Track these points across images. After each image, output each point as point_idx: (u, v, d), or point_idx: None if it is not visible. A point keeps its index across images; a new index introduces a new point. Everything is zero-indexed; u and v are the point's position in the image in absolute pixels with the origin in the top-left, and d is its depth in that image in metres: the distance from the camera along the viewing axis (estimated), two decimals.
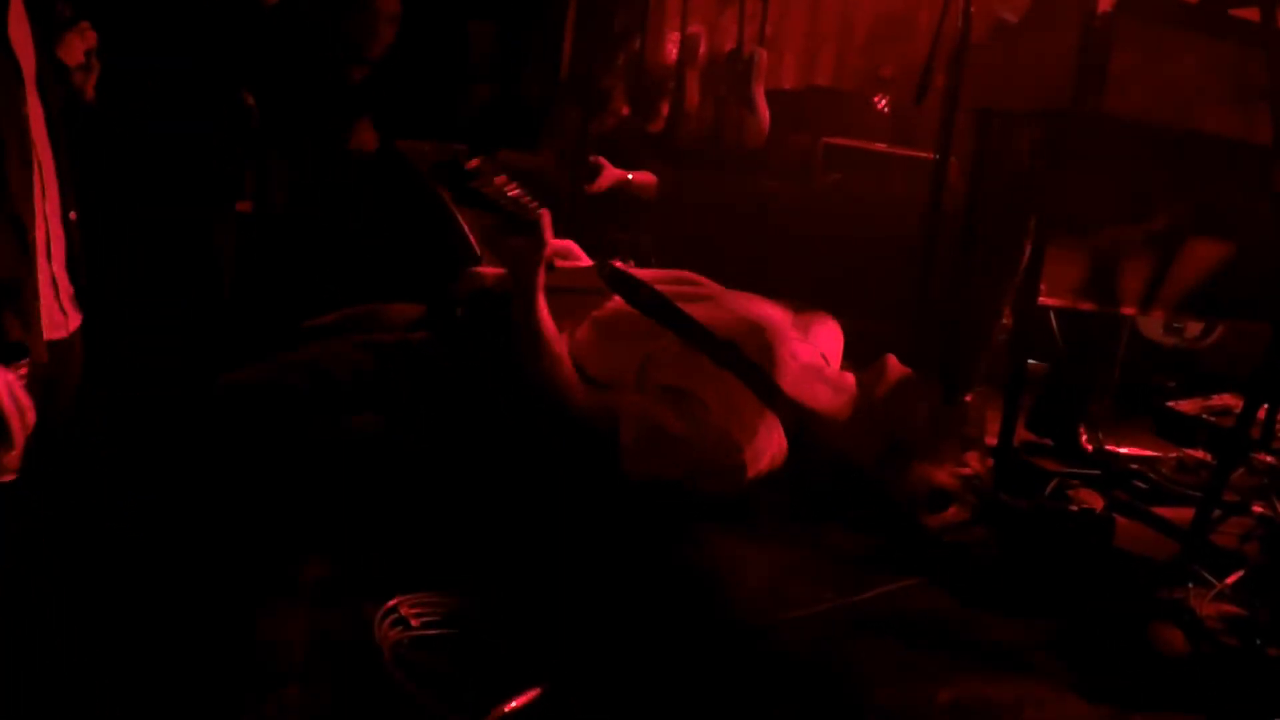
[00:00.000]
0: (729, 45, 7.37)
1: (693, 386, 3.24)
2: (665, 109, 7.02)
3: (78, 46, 2.95)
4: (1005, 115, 4.34)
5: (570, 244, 3.69)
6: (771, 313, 3.55)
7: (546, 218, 3.10)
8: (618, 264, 3.46)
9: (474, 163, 3.08)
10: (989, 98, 4.32)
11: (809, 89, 7.88)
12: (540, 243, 3.09)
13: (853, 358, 3.82)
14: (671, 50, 7.42)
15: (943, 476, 3.38)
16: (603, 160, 5.86)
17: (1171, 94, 3.78)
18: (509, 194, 3.07)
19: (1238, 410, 3.71)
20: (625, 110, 6.40)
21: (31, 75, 2.38)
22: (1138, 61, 3.72)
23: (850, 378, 3.55)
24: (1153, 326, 6.02)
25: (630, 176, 5.97)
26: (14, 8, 2.31)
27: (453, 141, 6.01)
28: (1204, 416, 4.93)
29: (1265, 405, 4.03)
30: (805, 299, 3.86)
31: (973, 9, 4.22)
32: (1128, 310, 4.15)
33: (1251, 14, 3.66)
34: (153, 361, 3.87)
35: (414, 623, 2.46)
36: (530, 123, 6.47)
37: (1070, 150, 3.87)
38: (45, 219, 2.40)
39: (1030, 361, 4.46)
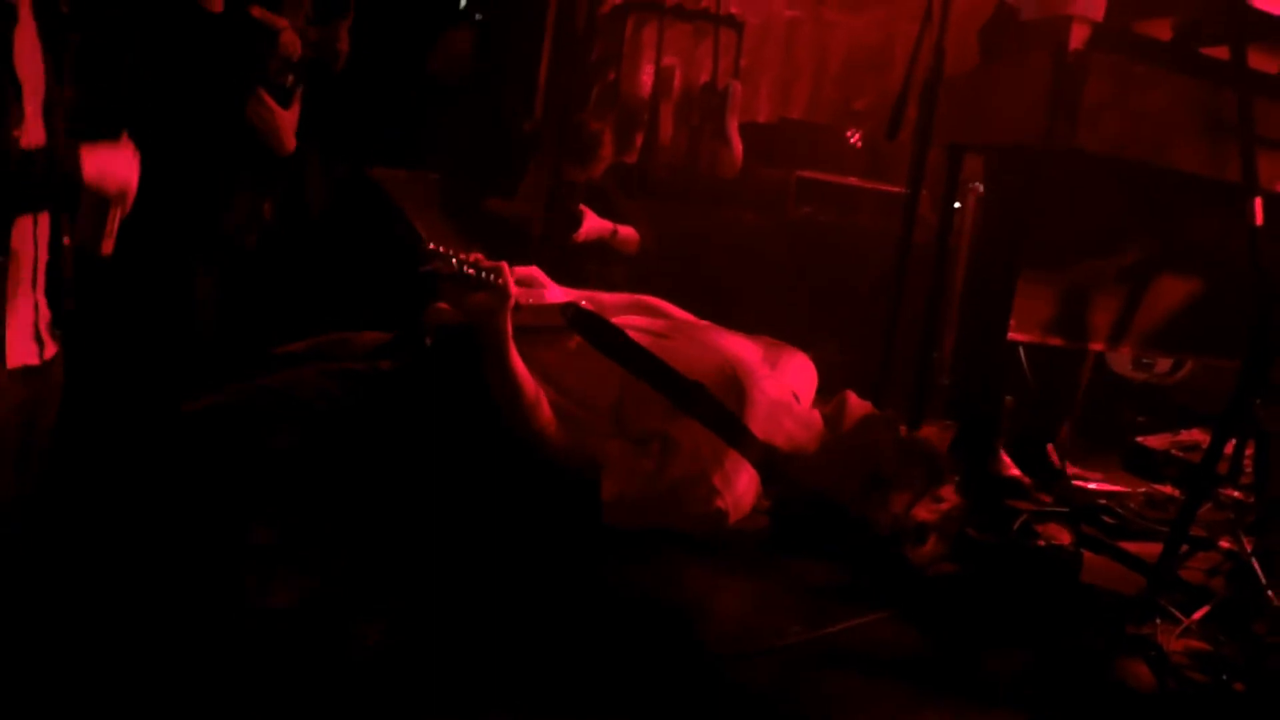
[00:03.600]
0: (704, 78, 7.39)
1: (673, 431, 3.24)
2: (639, 140, 7.02)
3: None
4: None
5: (534, 270, 3.67)
6: (741, 349, 3.55)
7: (506, 270, 3.10)
8: (584, 304, 3.45)
9: (430, 249, 3.07)
10: (961, 132, 4.33)
11: (782, 122, 7.89)
12: (502, 294, 3.08)
13: (823, 389, 3.82)
14: (646, 82, 7.42)
15: (923, 510, 3.38)
16: (586, 209, 5.83)
17: (1143, 130, 3.80)
18: (467, 271, 3.06)
19: (1206, 446, 3.72)
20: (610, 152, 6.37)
21: (39, 101, 2.35)
22: (1109, 97, 3.74)
23: (818, 414, 3.56)
24: (1122, 361, 6.04)
25: (616, 230, 5.93)
26: (22, 30, 2.29)
27: (426, 169, 6.02)
28: (1173, 452, 4.94)
29: (1233, 440, 4.04)
30: (776, 330, 3.86)
31: (946, 45, 4.23)
32: (1096, 346, 4.17)
33: (1222, 52, 3.68)
34: (122, 387, 3.85)
35: None
36: (507, 151, 6.44)
37: (1041, 185, 3.89)
38: (36, 244, 2.38)
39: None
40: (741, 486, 3.26)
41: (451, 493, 3.17)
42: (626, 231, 5.95)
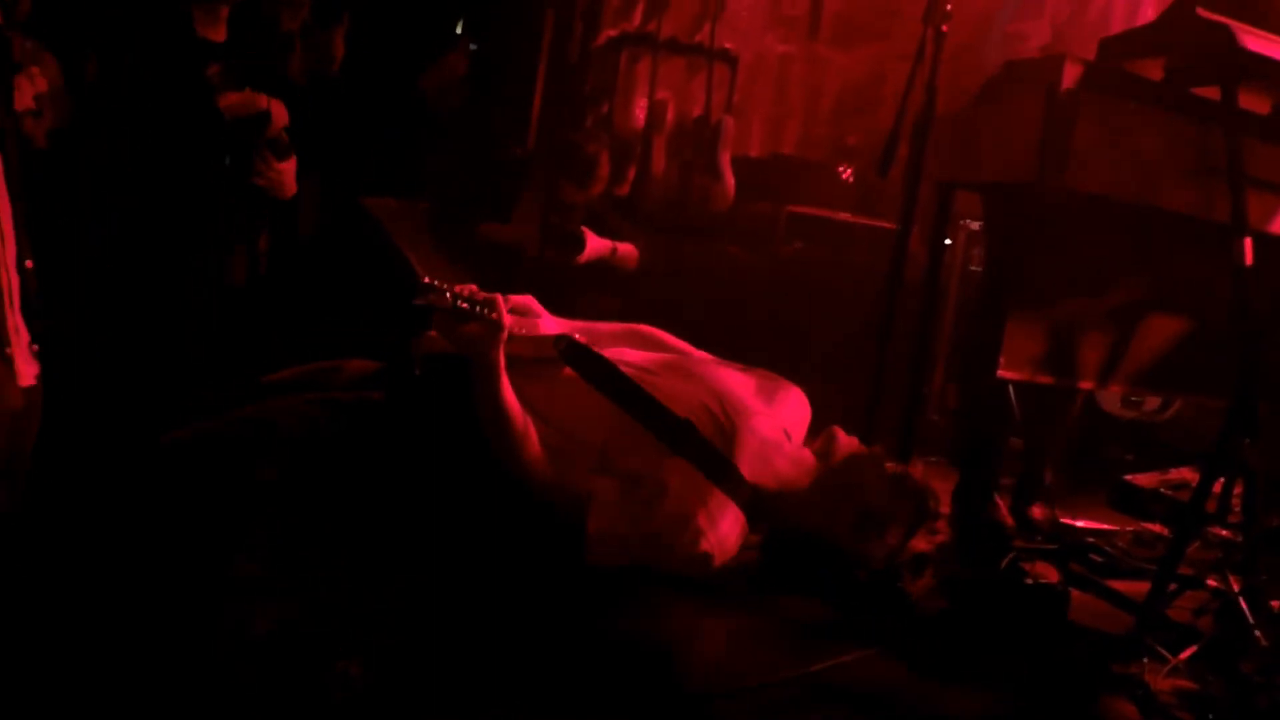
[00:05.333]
0: (696, 112, 7.41)
1: (661, 471, 3.22)
2: (631, 173, 7.04)
3: (27, 91, 2.93)
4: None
5: (529, 300, 3.66)
6: (734, 385, 3.53)
7: (500, 302, 3.09)
8: (578, 336, 3.44)
9: (425, 282, 3.07)
10: (953, 170, 4.34)
11: (774, 157, 7.91)
12: (496, 327, 3.07)
13: (812, 424, 3.82)
14: (639, 115, 7.44)
15: (920, 542, 3.37)
16: (587, 231, 5.84)
17: (1133, 169, 3.80)
18: (460, 305, 3.05)
19: (1195, 484, 3.72)
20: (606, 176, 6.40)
21: None
22: (1100, 137, 3.74)
23: (809, 452, 3.54)
24: (1111, 399, 6.04)
25: (616, 248, 5.96)
26: None
27: (419, 196, 6.04)
28: (1161, 490, 4.94)
29: (1221, 479, 4.04)
30: (765, 365, 3.85)
31: (938, 82, 4.25)
32: (1085, 384, 4.17)
33: (1213, 92, 3.70)
34: (109, 414, 3.85)
35: None
36: (500, 176, 6.45)
37: (1031, 223, 3.89)
38: (5, 267, 2.38)
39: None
40: (727, 528, 3.24)
41: (436, 525, 3.16)
42: (626, 249, 5.98)
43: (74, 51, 4.25)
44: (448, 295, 3.03)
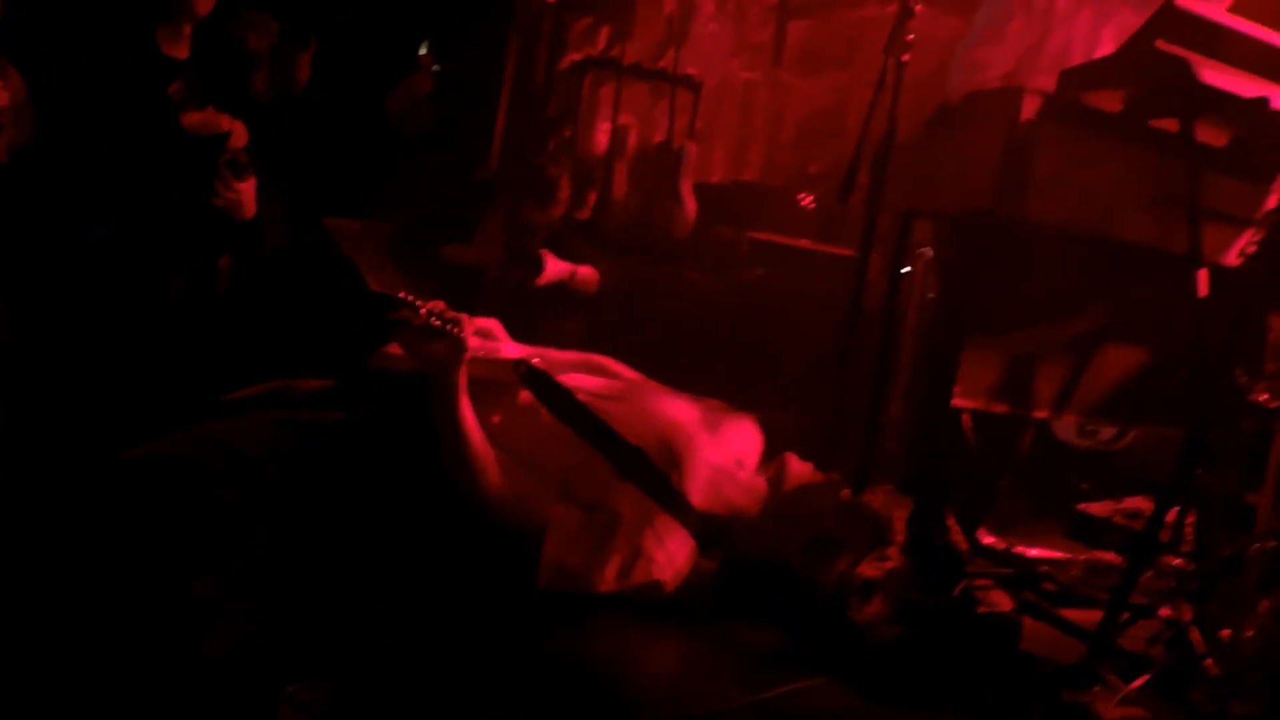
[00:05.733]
0: (659, 137, 7.43)
1: (615, 501, 3.23)
2: (593, 197, 7.05)
3: None
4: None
5: (493, 323, 3.67)
6: (683, 414, 3.55)
7: (467, 322, 3.10)
8: (535, 363, 3.45)
9: (400, 298, 3.08)
10: (912, 199, 4.36)
11: (736, 183, 7.93)
12: (460, 346, 3.08)
13: (771, 451, 3.82)
14: (602, 140, 7.45)
15: (869, 569, 3.38)
16: (547, 253, 5.85)
17: (1092, 201, 3.85)
18: (432, 323, 3.06)
19: (1150, 513, 3.74)
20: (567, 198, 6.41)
21: None
22: (1059, 168, 3.79)
23: (762, 480, 3.56)
24: (1066, 428, 6.06)
25: (576, 272, 5.96)
26: None
27: (381, 216, 6.03)
28: (1115, 519, 4.96)
29: (1176, 508, 4.06)
30: (725, 392, 3.86)
31: (899, 111, 4.27)
32: (1040, 414, 4.19)
33: (1171, 124, 3.73)
34: (69, 433, 3.85)
35: None
36: (463, 198, 6.45)
37: (989, 253, 3.92)
38: None
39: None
40: (680, 557, 3.26)
41: (394, 546, 3.16)
42: (585, 272, 5.98)
43: (38, 67, 4.24)
44: (421, 311, 3.04)
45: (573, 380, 3.50)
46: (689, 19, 7.80)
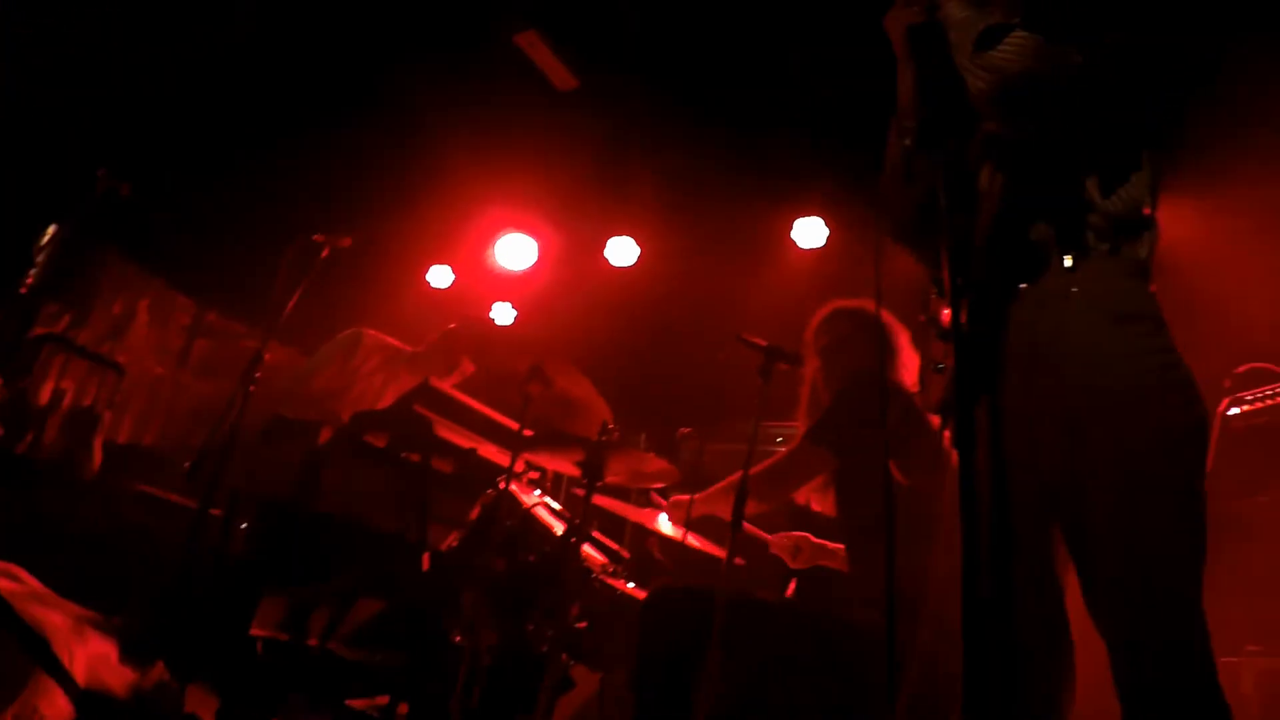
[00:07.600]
0: (87, 401, 8.56)
1: (40, 701, 3.62)
2: (30, 436, 7.83)
3: None
4: None
5: None
6: (52, 617, 3.99)
7: None
8: None
9: None
10: (249, 484, 5.77)
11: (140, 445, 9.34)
12: None
13: None
14: (45, 396, 8.35)
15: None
16: None
17: (360, 499, 5.45)
18: None
19: None
20: None
21: None
22: (341, 479, 5.42)
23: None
24: None
25: None
26: None
27: None
28: None
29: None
30: None
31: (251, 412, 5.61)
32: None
33: (415, 456, 5.54)
34: None
35: None
36: None
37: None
38: None
39: None
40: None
41: None
42: None
43: None
44: None
45: None
46: (129, 323, 9.41)
